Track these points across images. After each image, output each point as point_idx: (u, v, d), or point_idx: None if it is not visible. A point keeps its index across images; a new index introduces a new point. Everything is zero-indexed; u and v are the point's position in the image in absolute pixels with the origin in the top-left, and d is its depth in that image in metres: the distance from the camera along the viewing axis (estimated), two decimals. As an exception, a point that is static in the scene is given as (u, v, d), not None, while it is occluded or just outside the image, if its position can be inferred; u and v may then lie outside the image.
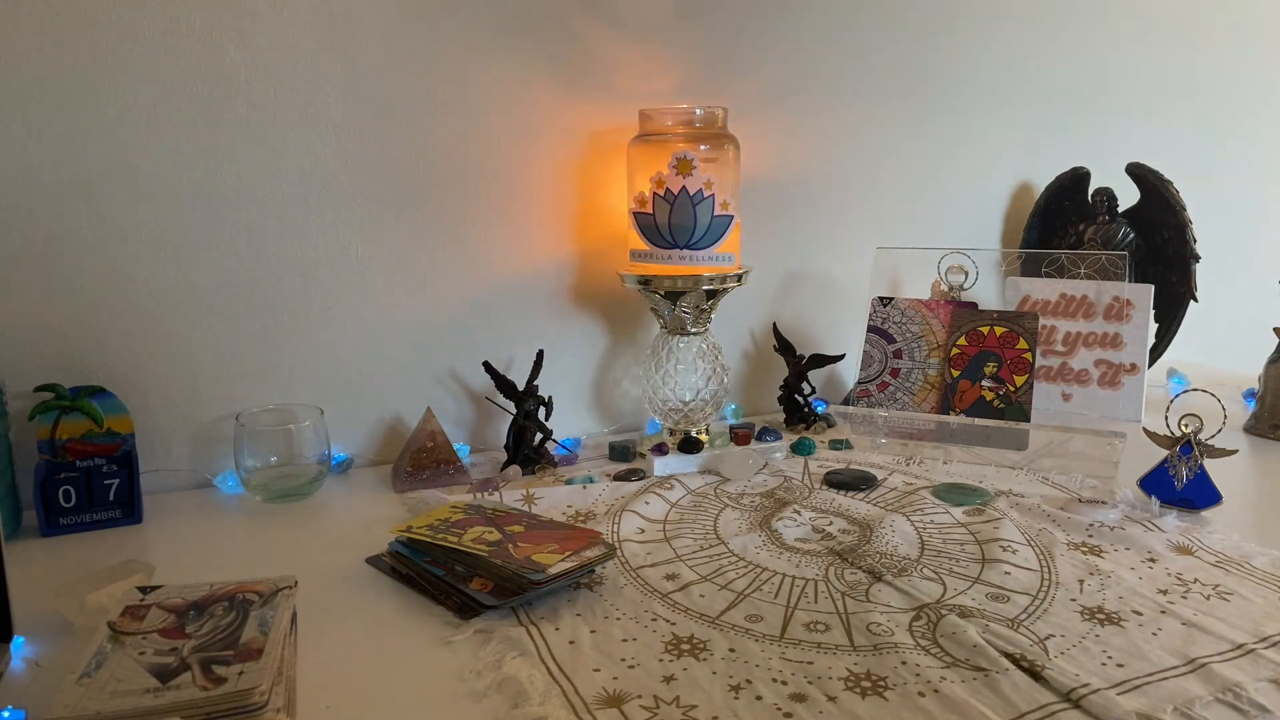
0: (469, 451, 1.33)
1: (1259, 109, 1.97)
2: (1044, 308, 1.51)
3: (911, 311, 1.38)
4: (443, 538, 0.93)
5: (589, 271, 1.40)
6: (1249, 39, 1.92)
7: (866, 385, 1.38)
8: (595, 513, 1.12)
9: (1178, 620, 0.85)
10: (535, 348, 1.31)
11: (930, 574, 0.95)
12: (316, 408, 1.20)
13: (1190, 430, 1.12)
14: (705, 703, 0.73)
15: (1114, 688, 0.74)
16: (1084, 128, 1.75)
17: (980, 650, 0.79)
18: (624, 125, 1.34)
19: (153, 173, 1.15)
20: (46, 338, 1.13)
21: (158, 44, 1.12)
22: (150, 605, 0.81)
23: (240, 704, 0.68)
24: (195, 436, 1.22)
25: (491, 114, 1.30)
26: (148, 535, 1.07)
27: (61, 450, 1.08)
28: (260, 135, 1.18)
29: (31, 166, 1.10)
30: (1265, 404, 1.41)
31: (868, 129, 1.56)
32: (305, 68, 1.19)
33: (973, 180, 1.68)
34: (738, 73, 1.44)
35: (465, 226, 1.31)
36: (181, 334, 1.19)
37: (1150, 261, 1.63)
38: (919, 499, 1.15)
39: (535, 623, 0.85)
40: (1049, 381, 1.48)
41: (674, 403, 1.31)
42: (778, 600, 0.90)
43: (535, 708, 0.72)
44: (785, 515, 1.10)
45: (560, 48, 1.32)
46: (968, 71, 1.62)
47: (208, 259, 1.19)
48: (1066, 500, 1.14)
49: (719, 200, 1.24)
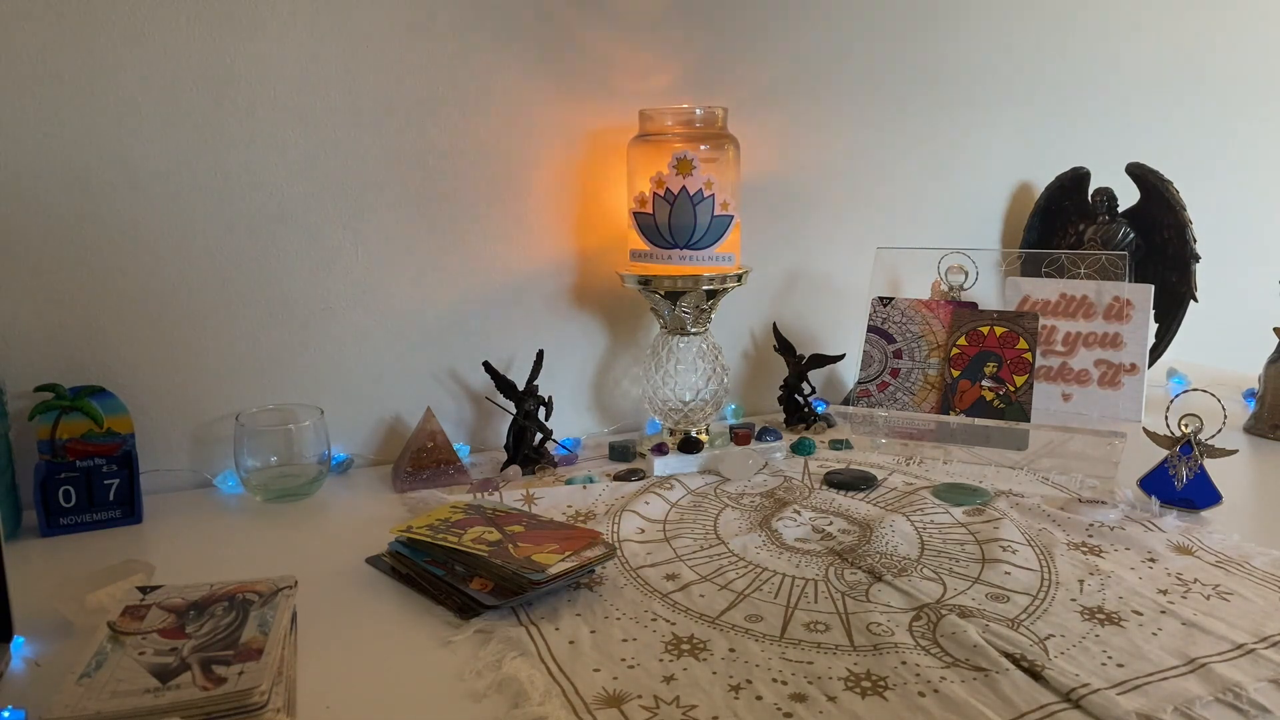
0: (469, 451, 1.33)
1: (1259, 109, 1.97)
2: (1044, 308, 1.51)
3: (911, 311, 1.38)
4: (443, 538, 0.93)
5: (589, 271, 1.40)
6: (1249, 39, 1.92)
7: (866, 385, 1.38)
8: (595, 513, 1.12)
9: (1178, 620, 0.85)
10: (535, 348, 1.31)
11: (930, 574, 0.95)
12: (316, 408, 1.20)
13: (1190, 430, 1.12)
14: (705, 703, 0.73)
15: (1114, 688, 0.74)
16: (1084, 128, 1.75)
17: (980, 650, 0.79)
18: (624, 125, 1.34)
19: (153, 172, 1.15)
20: (46, 338, 1.14)
21: (159, 43, 1.12)
22: (150, 605, 0.81)
23: (240, 704, 0.68)
24: (195, 436, 1.22)
25: (492, 114, 1.30)
26: (148, 535, 1.07)
27: (61, 450, 1.08)
28: (261, 136, 1.18)
29: (31, 166, 1.10)
30: (1265, 404, 1.41)
31: (868, 129, 1.56)
32: (306, 68, 1.19)
33: (973, 180, 1.68)
34: (738, 73, 1.44)
35: (465, 226, 1.31)
36: (181, 334, 1.19)
37: (1150, 261, 1.63)
38: (919, 499, 1.15)
39: (535, 623, 0.85)
40: (1049, 381, 1.48)
41: (674, 403, 1.31)
42: (778, 600, 0.90)
43: (535, 708, 0.72)
44: (785, 515, 1.10)
45: (560, 47, 1.32)
46: (968, 71, 1.62)
47: (208, 259, 1.19)
48: (1066, 500, 1.14)
49: (719, 200, 1.24)
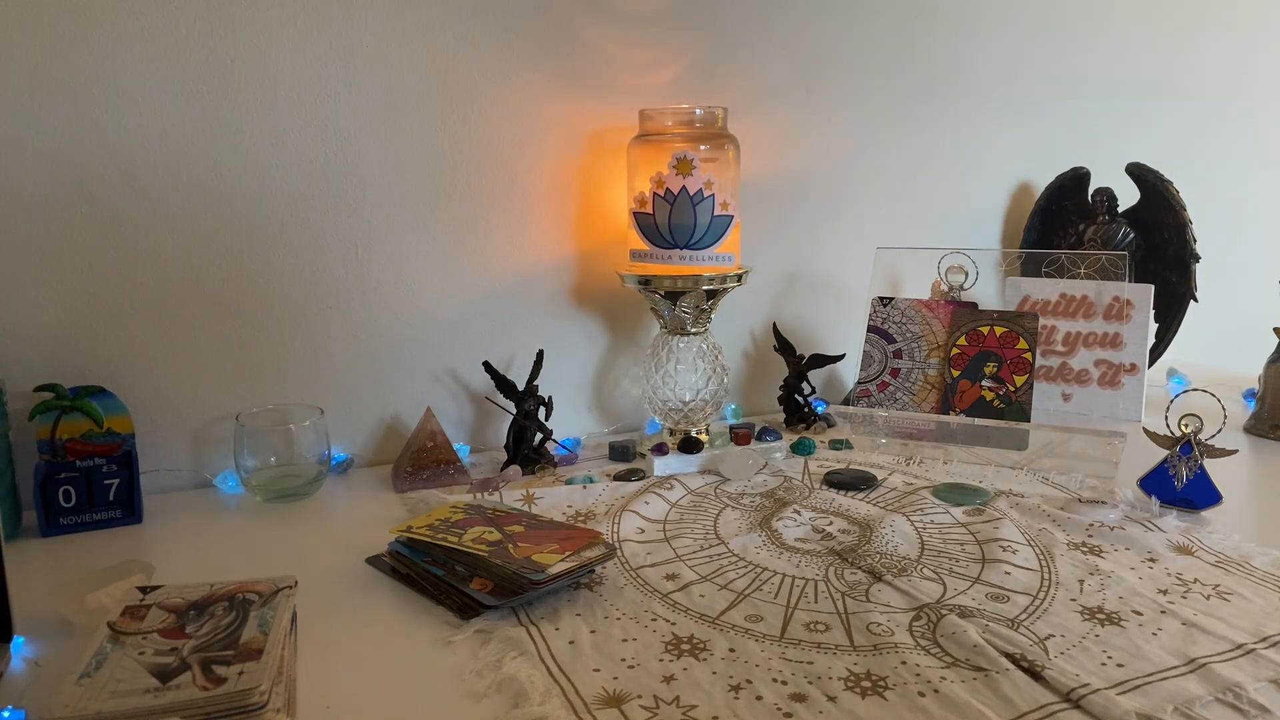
0: (469, 451, 1.33)
1: (1259, 109, 1.97)
2: (1044, 308, 1.51)
3: (911, 311, 1.38)
4: (443, 538, 0.93)
5: (589, 271, 1.40)
6: (1250, 39, 1.92)
7: (866, 385, 1.38)
8: (595, 513, 1.12)
9: (1178, 620, 0.85)
10: (535, 348, 1.31)
11: (930, 574, 0.95)
12: (316, 408, 1.20)
13: (1190, 430, 1.12)
14: (705, 703, 0.73)
15: (1114, 688, 0.74)
16: (1084, 128, 1.75)
17: (980, 650, 0.79)
18: (624, 125, 1.34)
19: (153, 172, 1.15)
20: (46, 338, 1.14)
21: (159, 42, 1.12)
22: (150, 605, 0.81)
23: (240, 704, 0.68)
24: (195, 436, 1.22)
25: (492, 114, 1.30)
26: (148, 535, 1.07)
27: (61, 450, 1.08)
28: (261, 135, 1.18)
29: (30, 165, 1.10)
30: (1265, 404, 1.41)
31: (868, 129, 1.56)
32: (306, 68, 1.19)
33: (973, 180, 1.68)
34: (738, 73, 1.44)
35: (466, 226, 1.31)
36: (181, 334, 1.19)
37: (1150, 261, 1.63)
38: (919, 499, 1.15)
39: (535, 623, 0.85)
40: (1049, 381, 1.48)
41: (674, 403, 1.31)
42: (778, 600, 0.90)
43: (535, 708, 0.72)
44: (785, 515, 1.10)
45: (561, 47, 1.32)
46: (968, 71, 1.62)
47: (208, 259, 1.19)
48: (1066, 500, 1.14)
49: (719, 200, 1.24)
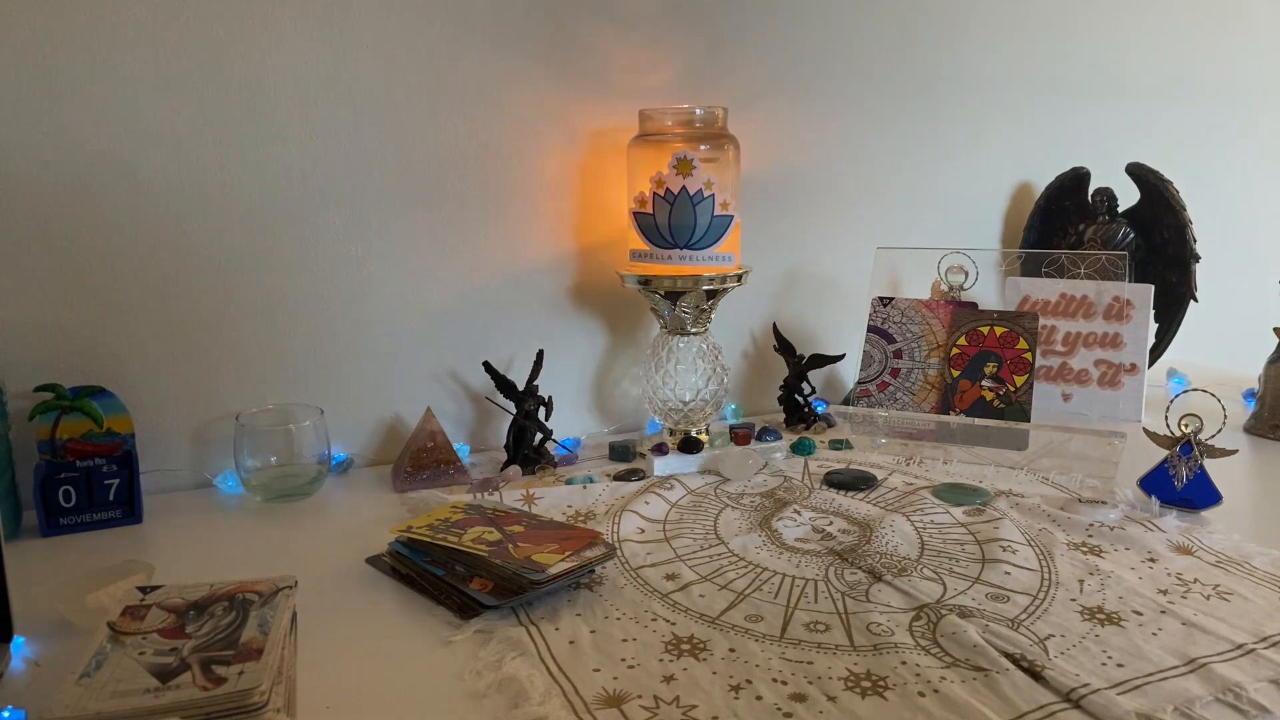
0: (469, 451, 1.33)
1: (1259, 109, 1.97)
2: (1044, 308, 1.51)
3: (911, 311, 1.37)
4: (443, 538, 0.93)
5: (589, 271, 1.40)
6: (1250, 39, 1.92)
7: (866, 385, 1.38)
8: (595, 513, 1.12)
9: (1178, 620, 0.85)
10: (535, 348, 1.31)
11: (930, 574, 0.95)
12: (316, 408, 1.20)
13: (1190, 430, 1.12)
14: (705, 703, 0.73)
15: (1114, 688, 0.74)
16: (1084, 128, 1.75)
17: (980, 650, 0.79)
18: (624, 125, 1.34)
19: (152, 172, 1.15)
20: (46, 338, 1.14)
21: (159, 42, 1.12)
22: (150, 605, 0.81)
23: (240, 704, 0.68)
24: (195, 436, 1.22)
25: (491, 114, 1.30)
26: (148, 535, 1.07)
27: (61, 450, 1.08)
28: (261, 135, 1.18)
29: (30, 165, 1.10)
30: (1265, 404, 1.41)
31: (868, 129, 1.56)
32: (306, 68, 1.19)
33: (973, 180, 1.68)
34: (738, 73, 1.44)
35: (466, 226, 1.31)
36: (181, 334, 1.19)
37: (1150, 261, 1.63)
38: (919, 499, 1.15)
39: (535, 623, 0.85)
40: (1049, 381, 1.48)
41: (674, 403, 1.31)
42: (778, 600, 0.90)
43: (535, 708, 0.72)
44: (785, 515, 1.10)
45: (561, 47, 1.32)
46: (968, 71, 1.62)
47: (208, 259, 1.19)
48: (1066, 500, 1.14)
49: (719, 200, 1.24)
